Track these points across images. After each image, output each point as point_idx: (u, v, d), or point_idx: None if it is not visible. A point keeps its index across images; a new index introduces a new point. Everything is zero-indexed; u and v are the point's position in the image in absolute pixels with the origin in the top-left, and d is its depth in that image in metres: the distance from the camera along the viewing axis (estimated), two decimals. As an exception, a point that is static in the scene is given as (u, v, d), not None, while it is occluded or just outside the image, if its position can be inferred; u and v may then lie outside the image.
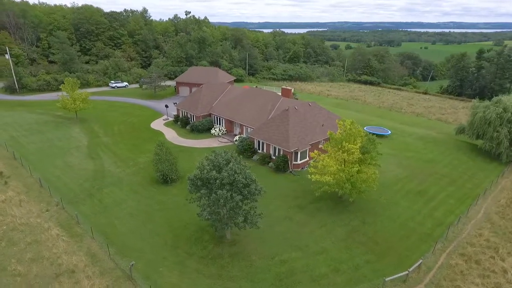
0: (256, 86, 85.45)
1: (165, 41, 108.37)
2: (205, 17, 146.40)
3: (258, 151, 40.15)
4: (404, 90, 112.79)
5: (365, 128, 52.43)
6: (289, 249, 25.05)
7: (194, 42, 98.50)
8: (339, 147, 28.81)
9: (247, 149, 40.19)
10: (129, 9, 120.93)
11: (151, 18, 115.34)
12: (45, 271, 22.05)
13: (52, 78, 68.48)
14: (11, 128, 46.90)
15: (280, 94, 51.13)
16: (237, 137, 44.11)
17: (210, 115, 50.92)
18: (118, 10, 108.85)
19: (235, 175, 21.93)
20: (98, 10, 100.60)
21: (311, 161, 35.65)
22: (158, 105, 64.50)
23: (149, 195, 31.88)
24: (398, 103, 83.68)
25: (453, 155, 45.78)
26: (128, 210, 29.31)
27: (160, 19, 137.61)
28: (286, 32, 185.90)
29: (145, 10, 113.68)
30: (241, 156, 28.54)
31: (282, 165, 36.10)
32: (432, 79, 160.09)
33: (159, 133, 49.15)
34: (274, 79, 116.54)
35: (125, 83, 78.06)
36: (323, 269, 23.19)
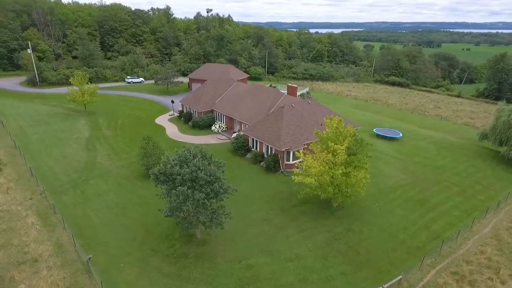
0: (271, 85, 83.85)
1: (186, 39, 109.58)
2: (229, 15, 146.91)
3: (252, 149, 38.78)
4: (435, 92, 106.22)
5: (374, 130, 49.35)
6: (259, 254, 23.52)
7: (212, 40, 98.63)
8: (324, 147, 26.80)
9: (241, 147, 38.96)
10: (155, 8, 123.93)
11: (174, 16, 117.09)
12: (9, 258, 22.17)
13: (71, 73, 71.14)
14: (22, 119, 48.94)
15: (286, 92, 49.37)
16: (234, 134, 42.99)
17: (212, 111, 50.22)
18: (145, 9, 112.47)
19: (198, 171, 20.78)
20: (122, 8, 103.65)
21: (297, 161, 33.80)
22: (168, 100, 64.87)
23: (131, 189, 31.59)
24: (423, 105, 78.72)
25: (469, 162, 41.70)
26: (107, 202, 29.12)
27: (185, 17, 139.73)
28: (320, 32, 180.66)
29: (168, 8, 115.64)
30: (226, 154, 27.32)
31: (272, 164, 34.46)
32: (471, 82, 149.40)
33: (161, 128, 49.15)
34: (294, 78, 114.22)
35: (141, 79, 79.56)
36: (290, 278, 21.45)
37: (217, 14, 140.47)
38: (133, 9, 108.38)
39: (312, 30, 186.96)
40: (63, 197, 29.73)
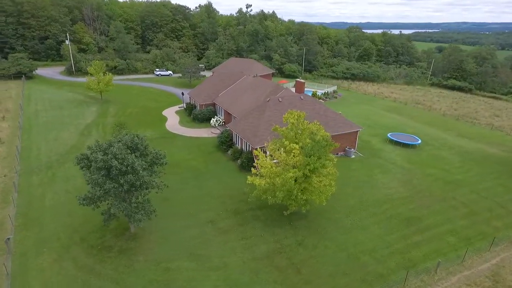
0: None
1: (224, 34, 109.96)
2: (273, 11, 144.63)
3: (236, 145, 36.30)
4: (503, 99, 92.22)
5: (388, 134, 43.26)
6: (185, 257, 21.21)
7: (247, 35, 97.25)
8: (279, 146, 23.40)
9: (224, 142, 36.75)
10: (202, 4, 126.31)
11: (215, 12, 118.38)
12: (-49, 229, 22.98)
13: (104, 64, 75.36)
14: (42, 103, 52.65)
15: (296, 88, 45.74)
16: (221, 129, 40.89)
17: (214, 104, 48.68)
18: (191, 7, 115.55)
19: (112, 160, 19.17)
20: (166, 4, 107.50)
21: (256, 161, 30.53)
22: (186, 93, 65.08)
23: (98, 175, 31.33)
24: (477, 112, 68.29)
25: (499, 179, 34.15)
26: (69, 187, 29.13)
27: (231, 13, 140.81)
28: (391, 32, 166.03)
29: (209, 4, 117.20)
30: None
31: (246, 162, 31.64)
32: None
33: (164, 119, 48.96)
34: (333, 77, 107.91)
35: (170, 72, 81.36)
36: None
37: (261, 11, 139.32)
38: (176, 4, 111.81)
39: (378, 31, 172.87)
40: (33, 177, 30.55)
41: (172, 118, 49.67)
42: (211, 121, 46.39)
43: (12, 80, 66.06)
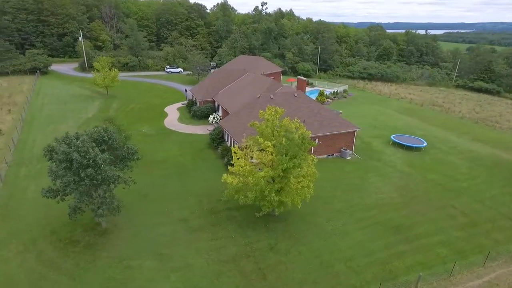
0: (307, 81, 77.60)
1: (239, 32, 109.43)
2: (290, 10, 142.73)
3: (226, 142, 35.36)
4: None
5: (392, 136, 40.83)
6: (149, 256, 20.50)
7: (259, 33, 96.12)
8: (253, 143, 22.22)
9: (215, 139, 35.93)
10: (219, 3, 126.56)
11: (231, 10, 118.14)
12: None
13: (116, 60, 76.80)
14: (49, 97, 54.00)
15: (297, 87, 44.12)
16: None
17: (214, 102, 48.00)
18: (207, 6, 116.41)
19: (74, 153, 18.73)
20: (181, 2, 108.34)
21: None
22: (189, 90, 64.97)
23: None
24: (502, 116, 64.08)
25: (509, 188, 31.38)
26: (53, 179, 29.25)
27: (247, 12, 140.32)
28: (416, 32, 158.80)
29: (225, 1, 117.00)
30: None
31: (231, 160, 30.53)
32: None
33: (164, 116, 48.78)
34: (349, 77, 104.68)
35: (180, 69, 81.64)
36: (161, 290, 18.02)
37: (279, 9, 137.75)
38: (192, 3, 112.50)
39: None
40: (22, 168, 30.99)
41: (172, 115, 49.46)
42: (209, 118, 45.70)
43: (27, 75, 68.48)
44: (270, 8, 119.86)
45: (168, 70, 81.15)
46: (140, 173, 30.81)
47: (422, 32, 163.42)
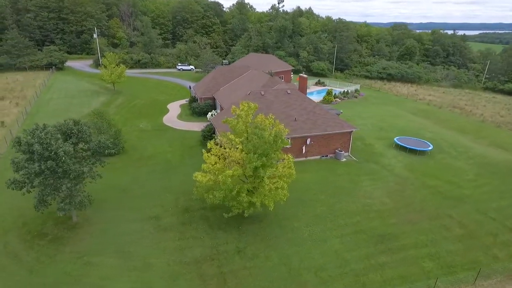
0: (319, 80, 75.51)
1: (254, 30, 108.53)
2: (309, 8, 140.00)
3: (217, 139, 34.41)
4: None
5: (395, 138, 38.34)
6: (112, 254, 19.93)
7: (274, 31, 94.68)
8: (224, 139, 21.15)
9: (206, 136, 35.15)
10: (238, 1, 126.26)
11: (248, 8, 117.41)
12: None
13: (129, 57, 78.12)
14: (58, 92, 55.45)
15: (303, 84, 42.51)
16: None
17: (214, 98, 47.30)
18: (224, 3, 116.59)
19: (35, 144, 18.45)
20: (198, 1, 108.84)
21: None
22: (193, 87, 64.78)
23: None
24: None
25: (521, 198, 28.24)
26: (40, 171, 29.54)
27: (263, 11, 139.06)
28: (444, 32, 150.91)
29: (243, 0, 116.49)
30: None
31: (216, 158, 29.58)
32: None
33: (165, 112, 48.68)
34: (367, 77, 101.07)
35: (192, 67, 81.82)
36: (113, 290, 17.36)
37: (298, 7, 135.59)
38: (209, 1, 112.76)
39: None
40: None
41: (173, 111, 49.28)
42: (208, 115, 45.06)
43: (43, 70, 70.97)
44: (291, 6, 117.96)
45: (179, 67, 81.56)
46: (125, 169, 30.75)
47: (452, 32, 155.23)
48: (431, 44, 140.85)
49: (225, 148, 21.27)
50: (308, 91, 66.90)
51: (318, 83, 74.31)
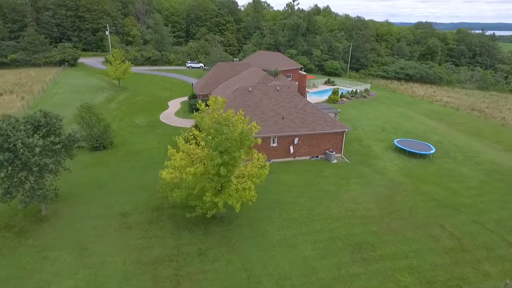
0: (328, 79, 73.13)
1: (267, 28, 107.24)
2: (327, 6, 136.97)
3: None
4: None
5: (395, 141, 36.00)
6: (70, 249, 19.50)
7: (287, 29, 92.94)
8: (190, 136, 20.21)
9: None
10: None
11: (263, 6, 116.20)
12: None
13: (140, 54, 79.06)
14: (65, 87, 56.66)
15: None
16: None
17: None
18: (238, 2, 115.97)
19: (4, 136, 18.31)
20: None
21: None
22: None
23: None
24: None
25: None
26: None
27: (279, 9, 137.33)
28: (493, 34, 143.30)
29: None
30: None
31: (198, 156, 28.73)
32: None
33: (164, 109, 48.56)
34: (383, 77, 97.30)
35: (201, 64, 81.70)
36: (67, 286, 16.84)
37: (315, 5, 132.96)
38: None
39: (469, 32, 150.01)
40: (5, 151, 32.07)
41: (172, 108, 49.06)
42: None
43: (57, 67, 73.06)
44: (308, 4, 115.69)
45: (189, 65, 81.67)
46: (108, 164, 30.52)
47: (480, 31, 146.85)
48: (455, 44, 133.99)
49: (190, 144, 20.35)
50: (315, 90, 65.14)
51: (327, 82, 72.06)
